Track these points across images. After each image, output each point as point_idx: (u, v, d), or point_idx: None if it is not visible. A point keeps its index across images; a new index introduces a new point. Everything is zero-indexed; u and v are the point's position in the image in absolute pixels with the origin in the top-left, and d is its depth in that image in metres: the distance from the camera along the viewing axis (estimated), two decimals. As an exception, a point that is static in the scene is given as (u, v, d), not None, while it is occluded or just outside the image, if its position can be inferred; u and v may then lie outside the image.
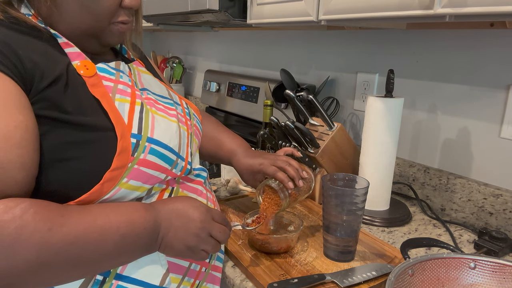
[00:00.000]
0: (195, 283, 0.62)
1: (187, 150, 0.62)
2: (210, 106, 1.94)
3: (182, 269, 0.59)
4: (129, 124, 0.53)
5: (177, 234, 0.55)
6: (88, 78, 0.54)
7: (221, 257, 0.70)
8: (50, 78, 0.50)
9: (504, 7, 0.56)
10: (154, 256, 0.56)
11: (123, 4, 0.57)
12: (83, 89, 0.53)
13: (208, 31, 1.92)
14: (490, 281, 0.61)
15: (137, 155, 0.52)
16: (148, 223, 0.52)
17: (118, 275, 0.54)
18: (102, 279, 0.52)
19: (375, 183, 0.94)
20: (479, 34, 0.92)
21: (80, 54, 0.55)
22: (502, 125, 0.90)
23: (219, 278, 0.68)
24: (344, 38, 1.27)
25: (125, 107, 0.54)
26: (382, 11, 0.72)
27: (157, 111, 0.58)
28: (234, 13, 1.15)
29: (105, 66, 0.57)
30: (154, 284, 0.56)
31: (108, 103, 0.53)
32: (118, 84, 0.56)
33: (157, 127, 0.56)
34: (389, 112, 0.90)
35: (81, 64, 0.54)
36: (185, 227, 0.55)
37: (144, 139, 0.53)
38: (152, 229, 0.52)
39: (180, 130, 0.60)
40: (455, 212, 0.99)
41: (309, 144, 1.00)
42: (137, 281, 0.55)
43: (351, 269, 0.71)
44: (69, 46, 0.55)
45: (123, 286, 0.54)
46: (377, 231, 0.90)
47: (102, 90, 0.53)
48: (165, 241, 0.54)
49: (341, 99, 1.30)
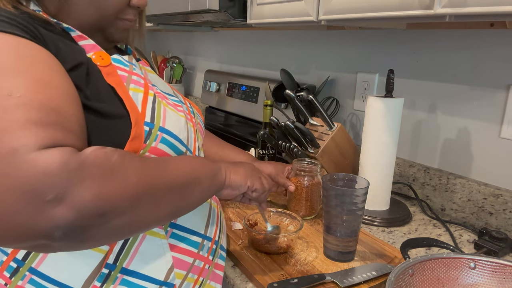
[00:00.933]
0: (198, 280, 0.62)
1: (194, 145, 0.64)
2: (210, 106, 1.94)
3: (186, 265, 0.60)
4: (143, 112, 0.54)
5: (237, 170, 0.65)
6: (103, 67, 0.55)
7: (223, 255, 0.70)
8: (71, 63, 0.50)
9: (504, 7, 0.56)
10: (159, 251, 0.57)
11: (131, 3, 0.60)
12: (100, 77, 0.54)
13: (208, 31, 1.92)
14: (490, 281, 0.61)
15: (149, 143, 0.53)
16: (209, 161, 0.61)
17: (123, 269, 0.54)
18: (107, 272, 0.53)
19: (375, 183, 0.94)
20: (479, 34, 0.92)
21: (95, 45, 0.57)
22: (502, 125, 0.90)
23: (221, 277, 0.69)
24: (344, 38, 1.27)
25: (139, 97, 0.55)
26: (382, 11, 0.72)
27: (167, 105, 0.60)
28: (234, 13, 1.15)
29: (120, 58, 0.58)
30: (158, 279, 0.56)
31: (123, 91, 0.54)
32: (132, 75, 0.57)
33: (168, 118, 0.57)
34: (389, 112, 0.90)
35: (96, 54, 0.55)
36: (242, 167, 0.67)
37: (156, 128, 0.54)
38: (213, 163, 0.62)
39: (187, 125, 0.61)
40: (455, 212, 0.99)
41: (309, 144, 1.00)
42: (142, 276, 0.55)
43: (351, 269, 0.71)
44: (83, 38, 0.56)
45: (128, 280, 0.54)
46: (377, 231, 0.90)
47: (117, 79, 0.55)
48: (228, 170, 0.63)
49: (341, 99, 1.30)
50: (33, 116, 0.40)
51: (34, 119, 0.40)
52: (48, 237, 0.38)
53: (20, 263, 0.52)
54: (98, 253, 0.53)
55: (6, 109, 0.40)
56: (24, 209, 0.37)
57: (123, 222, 0.43)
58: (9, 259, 0.52)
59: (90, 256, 0.52)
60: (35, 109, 0.41)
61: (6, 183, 0.37)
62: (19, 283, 0.52)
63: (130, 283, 0.54)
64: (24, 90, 0.41)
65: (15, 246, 0.40)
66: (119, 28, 0.62)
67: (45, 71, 0.45)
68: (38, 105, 0.41)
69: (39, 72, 0.44)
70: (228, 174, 0.63)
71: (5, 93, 0.40)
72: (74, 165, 0.39)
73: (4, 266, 0.52)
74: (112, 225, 0.42)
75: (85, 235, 0.40)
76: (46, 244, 0.39)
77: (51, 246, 0.39)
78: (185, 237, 0.60)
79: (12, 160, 0.37)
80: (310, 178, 0.91)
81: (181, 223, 0.59)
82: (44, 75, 0.45)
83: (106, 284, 0.53)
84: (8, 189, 0.36)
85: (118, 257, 0.53)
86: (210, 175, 0.59)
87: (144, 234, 0.55)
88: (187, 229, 0.60)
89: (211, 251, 0.64)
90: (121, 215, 0.43)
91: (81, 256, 0.52)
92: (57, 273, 0.51)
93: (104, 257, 0.53)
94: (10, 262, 0.52)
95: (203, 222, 0.63)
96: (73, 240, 0.40)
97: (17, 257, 0.52)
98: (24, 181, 0.37)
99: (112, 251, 0.53)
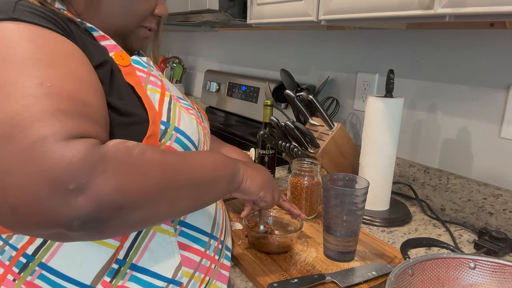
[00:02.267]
0: (205, 279, 0.63)
1: (203, 148, 0.65)
2: (210, 106, 1.94)
3: (193, 263, 0.60)
4: (160, 111, 0.55)
5: (255, 177, 0.65)
6: (124, 67, 0.56)
7: (228, 255, 0.70)
8: (97, 61, 0.51)
9: (504, 7, 0.56)
10: (168, 249, 0.57)
11: (154, 12, 0.65)
12: (120, 76, 0.55)
13: (208, 31, 1.92)
14: (490, 281, 0.61)
15: (164, 141, 0.54)
16: (230, 160, 0.61)
17: (133, 265, 0.54)
18: (117, 268, 0.53)
19: (375, 183, 0.94)
20: (479, 34, 0.92)
21: (116, 46, 0.58)
22: (502, 125, 0.90)
23: (227, 277, 0.69)
24: (344, 38, 1.27)
25: (156, 97, 0.56)
26: (382, 11, 0.72)
27: (181, 107, 0.61)
28: (234, 13, 1.15)
29: (139, 59, 0.59)
30: (166, 277, 0.57)
31: (141, 90, 0.55)
32: (150, 76, 0.58)
33: (182, 119, 0.58)
34: (389, 112, 0.90)
35: (116, 54, 0.56)
36: (260, 175, 0.66)
37: (171, 128, 0.55)
38: (234, 163, 0.62)
39: (198, 128, 0.62)
40: (455, 212, 0.99)
41: (309, 144, 1.00)
42: (151, 272, 0.56)
43: (351, 269, 0.71)
44: (105, 39, 0.58)
45: (137, 276, 0.55)
46: (377, 231, 0.90)
47: (136, 79, 0.56)
48: (246, 174, 0.63)
49: (341, 99, 1.30)
50: (62, 106, 0.41)
51: (63, 109, 0.41)
52: (67, 226, 0.39)
53: (30, 258, 0.51)
54: (109, 248, 0.53)
55: (36, 97, 0.40)
56: (47, 197, 0.37)
57: (141, 216, 0.44)
58: (18, 254, 0.52)
59: (101, 251, 0.53)
60: (64, 100, 0.42)
61: (32, 171, 0.37)
62: (28, 279, 0.51)
63: (139, 279, 0.55)
64: (55, 81, 0.42)
65: (34, 233, 0.41)
66: (139, 36, 0.65)
67: (76, 65, 0.46)
68: (68, 96, 0.42)
69: (71, 66, 0.46)
70: (245, 179, 0.63)
71: (37, 82, 0.41)
72: (97, 157, 0.40)
73: (13, 262, 0.52)
74: (129, 218, 0.42)
75: (102, 226, 0.41)
76: (63, 233, 0.39)
77: (68, 235, 0.40)
78: (193, 235, 0.60)
79: (40, 148, 0.38)
80: (310, 178, 0.91)
81: (190, 221, 0.60)
82: (75, 69, 0.46)
83: (115, 280, 0.53)
84: (33, 176, 0.37)
85: (128, 253, 0.54)
86: (229, 176, 0.59)
87: (154, 231, 0.56)
88: (196, 227, 0.61)
89: (217, 251, 0.65)
90: (139, 209, 0.43)
91: (92, 252, 0.52)
92: (68, 268, 0.52)
93: (115, 252, 0.53)
94: (19, 257, 0.52)
95: (210, 221, 0.64)
96: (90, 230, 0.40)
97: (27, 252, 0.51)
98: (49, 169, 0.37)
99: (122, 247, 0.53)
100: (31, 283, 0.51)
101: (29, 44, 0.44)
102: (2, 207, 0.38)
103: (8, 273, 0.52)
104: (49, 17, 0.48)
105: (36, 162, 0.37)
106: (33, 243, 0.51)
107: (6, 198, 0.37)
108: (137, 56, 0.60)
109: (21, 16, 0.45)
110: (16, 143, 0.38)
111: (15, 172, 0.37)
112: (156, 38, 0.73)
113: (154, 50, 0.75)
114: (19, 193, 0.37)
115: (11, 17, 0.45)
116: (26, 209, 0.37)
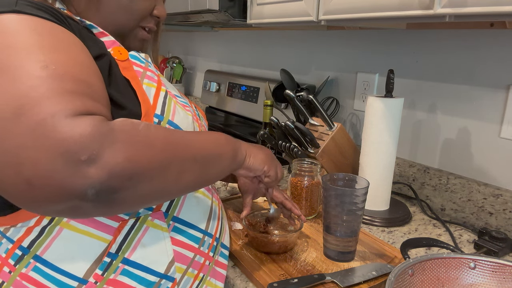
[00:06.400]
0: (198, 275, 0.63)
1: None
2: (210, 106, 1.94)
3: (187, 259, 0.60)
4: (154, 105, 0.56)
5: (257, 154, 0.66)
6: (121, 61, 0.57)
7: (225, 253, 0.70)
8: (95, 53, 0.52)
9: (504, 7, 0.56)
10: (161, 244, 0.57)
11: (153, 12, 0.66)
12: (117, 70, 0.56)
13: (208, 31, 1.92)
14: (490, 281, 0.61)
15: None
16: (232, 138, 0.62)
17: (125, 259, 0.55)
18: (109, 261, 0.54)
19: (375, 183, 0.94)
20: (479, 34, 0.92)
21: (115, 41, 0.59)
22: (502, 125, 0.90)
23: (223, 275, 0.69)
24: (344, 38, 1.27)
25: (151, 91, 0.57)
26: (382, 11, 0.72)
27: (177, 102, 0.62)
28: (234, 13, 1.15)
29: (137, 54, 0.60)
30: (159, 272, 0.57)
31: (136, 84, 0.56)
32: (146, 71, 0.59)
33: (177, 114, 0.59)
34: (389, 112, 0.90)
35: (114, 49, 0.58)
36: (262, 152, 0.67)
37: (165, 121, 0.56)
38: (236, 141, 0.62)
39: (194, 124, 0.63)
40: (455, 212, 0.99)
41: (309, 144, 1.00)
42: (143, 267, 0.56)
43: (351, 269, 0.71)
44: (104, 35, 0.59)
45: (129, 270, 0.55)
46: (377, 231, 0.91)
47: (132, 74, 0.57)
48: (248, 151, 0.64)
49: (341, 99, 1.30)
50: (67, 86, 0.43)
51: (68, 88, 0.43)
52: (81, 197, 0.40)
53: (25, 251, 0.52)
54: (101, 242, 0.53)
55: (42, 79, 0.42)
56: (61, 169, 0.38)
57: (149, 188, 0.45)
58: (14, 246, 0.53)
59: (94, 244, 0.53)
60: (69, 80, 0.43)
61: (45, 144, 0.38)
62: (23, 271, 0.52)
63: (130, 273, 0.55)
64: (58, 64, 0.44)
65: (48, 209, 0.42)
66: (137, 37, 0.67)
67: (78, 52, 0.48)
68: (72, 77, 0.44)
69: (73, 52, 0.47)
70: (248, 155, 0.64)
71: (42, 65, 0.43)
72: (105, 130, 0.41)
73: (10, 254, 0.53)
74: (138, 190, 0.44)
75: (114, 197, 0.42)
76: (78, 205, 0.40)
77: (83, 208, 0.41)
78: (187, 231, 0.60)
79: (51, 122, 0.39)
80: (310, 178, 0.91)
81: (183, 217, 0.60)
82: (76, 55, 0.47)
83: (107, 273, 0.53)
84: (46, 150, 0.38)
85: (120, 247, 0.54)
86: (232, 154, 0.60)
87: (147, 226, 0.56)
88: (189, 223, 0.61)
89: (211, 248, 0.65)
90: (148, 180, 0.44)
91: (85, 245, 0.53)
92: (61, 261, 0.52)
93: (107, 246, 0.54)
94: (15, 249, 0.53)
95: (204, 217, 0.64)
96: (102, 202, 0.41)
97: (23, 244, 0.52)
98: (61, 142, 0.39)
99: (115, 241, 0.54)
100: (26, 275, 0.52)
101: (31, 33, 0.45)
102: (17, 182, 0.39)
103: (4, 265, 0.53)
104: (50, 11, 0.50)
105: (48, 135, 0.39)
106: (29, 235, 0.52)
107: (22, 172, 0.38)
108: (136, 52, 0.61)
109: (23, 9, 0.47)
110: (26, 120, 0.39)
111: (29, 147, 0.38)
112: (155, 42, 0.74)
113: (153, 53, 0.76)
114: (34, 166, 0.38)
115: (14, 10, 0.46)
116: (41, 180, 0.38)
